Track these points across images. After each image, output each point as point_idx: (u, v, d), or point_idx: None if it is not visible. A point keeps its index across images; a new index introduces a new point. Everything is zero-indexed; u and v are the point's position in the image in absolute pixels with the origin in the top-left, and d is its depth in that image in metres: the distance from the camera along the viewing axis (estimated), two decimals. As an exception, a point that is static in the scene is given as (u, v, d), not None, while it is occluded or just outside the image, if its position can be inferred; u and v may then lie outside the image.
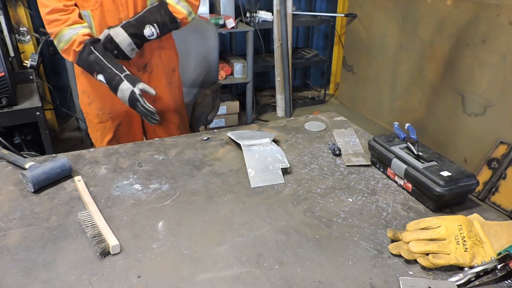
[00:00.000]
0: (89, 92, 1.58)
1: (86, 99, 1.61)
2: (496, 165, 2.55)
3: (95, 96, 1.58)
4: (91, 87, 1.57)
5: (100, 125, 1.64)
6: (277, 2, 3.46)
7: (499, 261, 0.74)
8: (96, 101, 1.59)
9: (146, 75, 1.58)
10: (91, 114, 1.64)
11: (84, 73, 1.54)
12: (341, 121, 1.51)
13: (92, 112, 1.62)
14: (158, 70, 1.60)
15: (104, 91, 1.55)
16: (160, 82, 1.63)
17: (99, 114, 1.61)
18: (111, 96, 1.54)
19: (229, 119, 3.60)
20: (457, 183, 0.95)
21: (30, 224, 0.91)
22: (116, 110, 1.61)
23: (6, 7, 2.82)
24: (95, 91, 1.57)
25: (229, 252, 0.84)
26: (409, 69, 3.27)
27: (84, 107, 1.64)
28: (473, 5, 2.62)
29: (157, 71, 1.60)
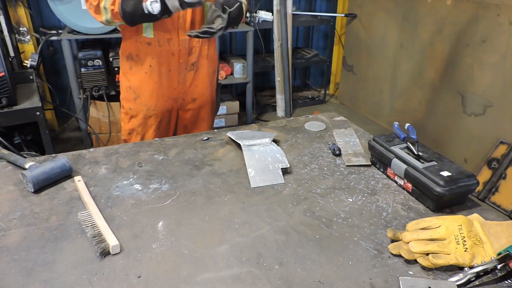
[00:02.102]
0: (136, 87, 1.62)
1: (131, 94, 1.64)
2: (496, 165, 2.55)
3: (141, 92, 1.62)
4: (139, 83, 1.61)
5: (143, 120, 1.68)
6: (277, 2, 3.46)
7: (499, 261, 0.74)
8: (142, 97, 1.63)
9: (192, 73, 1.63)
10: (135, 109, 1.67)
11: (132, 69, 1.60)
12: (341, 121, 1.51)
13: (137, 108, 1.66)
14: (203, 70, 1.66)
15: (151, 88, 1.62)
16: (203, 82, 1.68)
17: (143, 109, 1.65)
18: (156, 94, 1.62)
19: (229, 119, 3.60)
20: (457, 183, 0.95)
21: (30, 224, 0.91)
22: (160, 107, 1.65)
23: (6, 7, 2.82)
24: (144, 86, 1.61)
25: (229, 252, 0.84)
26: (409, 69, 3.27)
27: (128, 103, 1.67)
28: (473, 5, 2.62)
29: (202, 70, 1.66)
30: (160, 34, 1.51)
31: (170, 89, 1.64)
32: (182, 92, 1.66)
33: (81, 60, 2.82)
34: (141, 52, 1.55)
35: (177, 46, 1.54)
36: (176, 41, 1.53)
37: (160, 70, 1.58)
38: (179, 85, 1.64)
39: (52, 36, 2.93)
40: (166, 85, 1.62)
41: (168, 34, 1.51)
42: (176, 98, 1.67)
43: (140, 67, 1.58)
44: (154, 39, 1.52)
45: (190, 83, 1.65)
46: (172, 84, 1.63)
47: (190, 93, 1.68)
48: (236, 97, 3.82)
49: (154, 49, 1.53)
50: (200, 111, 1.76)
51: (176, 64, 1.58)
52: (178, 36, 1.52)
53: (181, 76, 1.62)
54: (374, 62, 3.68)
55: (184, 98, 1.68)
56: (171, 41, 1.53)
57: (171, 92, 1.64)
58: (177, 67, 1.58)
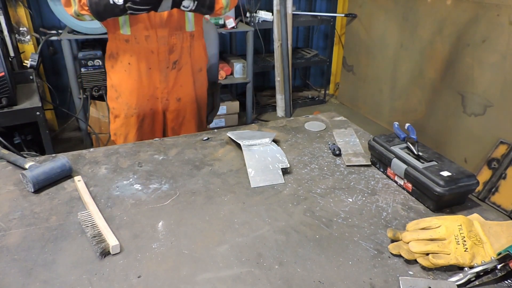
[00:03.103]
0: (117, 86, 1.61)
1: (114, 93, 1.63)
2: (496, 165, 2.55)
3: (122, 90, 1.60)
4: (120, 81, 1.59)
5: (125, 120, 1.66)
6: (277, 2, 3.46)
7: (499, 261, 0.74)
8: (122, 96, 1.61)
9: (175, 72, 1.60)
10: (117, 109, 1.65)
11: (114, 67, 1.58)
12: (341, 121, 1.51)
13: (119, 107, 1.64)
14: (186, 68, 1.62)
15: (131, 86, 1.59)
16: (187, 81, 1.65)
17: (125, 109, 1.63)
18: (137, 92, 1.59)
19: (229, 119, 3.60)
20: (457, 183, 0.95)
21: (30, 224, 0.91)
22: (141, 106, 1.63)
23: (6, 7, 2.82)
24: (124, 85, 1.59)
25: (229, 252, 0.84)
26: (409, 69, 3.27)
27: (112, 102, 1.66)
28: (473, 5, 2.62)
29: (186, 69, 1.62)
30: (137, 31, 1.48)
31: (152, 88, 1.61)
32: (165, 91, 1.63)
33: (81, 60, 2.82)
34: (120, 49, 1.53)
35: (155, 43, 1.51)
36: (154, 38, 1.50)
37: (139, 68, 1.55)
38: (161, 84, 1.60)
39: (52, 36, 2.93)
40: (147, 83, 1.59)
41: (145, 31, 1.48)
42: (159, 98, 1.64)
43: (119, 65, 1.56)
44: (131, 36, 1.49)
45: (173, 82, 1.62)
46: (154, 83, 1.60)
47: (174, 93, 1.64)
48: (236, 97, 3.82)
49: (132, 47, 1.51)
50: (186, 112, 1.72)
51: (156, 62, 1.54)
52: (156, 33, 1.49)
53: (162, 75, 1.58)
54: (374, 62, 3.68)
55: (168, 98, 1.65)
56: (149, 38, 1.49)
57: (153, 91, 1.61)
58: (158, 65, 1.55)
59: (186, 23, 1.54)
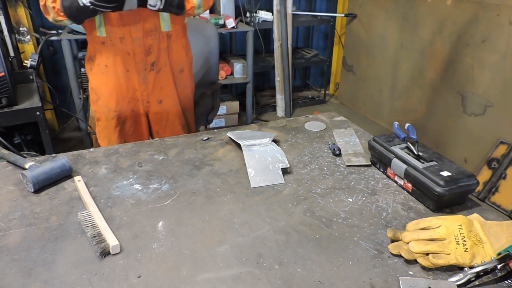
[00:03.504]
0: (96, 88, 1.59)
1: (94, 96, 1.62)
2: (496, 165, 2.55)
3: (101, 93, 1.59)
4: (98, 84, 1.58)
5: (106, 123, 1.64)
6: (277, 2, 3.46)
7: (499, 261, 0.74)
8: (102, 98, 1.60)
9: (153, 74, 1.57)
10: (98, 112, 1.64)
11: (93, 69, 1.56)
12: (341, 121, 1.51)
13: (99, 110, 1.63)
14: (166, 70, 1.59)
15: (110, 89, 1.57)
16: (167, 82, 1.62)
17: (105, 111, 1.62)
18: (116, 95, 1.57)
19: (229, 119, 3.60)
20: (457, 183, 0.95)
21: (30, 224, 0.91)
22: (122, 109, 1.61)
23: (6, 7, 2.82)
24: (102, 87, 1.57)
25: (229, 252, 0.84)
26: (409, 69, 3.27)
27: (93, 105, 1.65)
28: (473, 5, 2.62)
29: (165, 70, 1.59)
30: (112, 32, 1.45)
31: (131, 90, 1.58)
32: (145, 93, 1.60)
33: (81, 60, 2.82)
34: (97, 52, 1.51)
35: (130, 45, 1.48)
36: (129, 40, 1.47)
37: (117, 70, 1.52)
38: (140, 86, 1.58)
39: (52, 36, 2.93)
40: (126, 85, 1.56)
41: (120, 33, 1.45)
42: (140, 100, 1.61)
43: (97, 67, 1.54)
44: (107, 38, 1.46)
45: (153, 84, 1.59)
46: (133, 85, 1.57)
47: (155, 95, 1.61)
48: (236, 97, 3.82)
49: (108, 49, 1.49)
50: (169, 115, 1.69)
51: (133, 63, 1.51)
52: (130, 34, 1.46)
53: (140, 77, 1.56)
54: (374, 62, 3.68)
55: (149, 100, 1.62)
56: (123, 40, 1.47)
57: (132, 93, 1.59)
58: (135, 67, 1.52)
59: (161, 23, 1.50)
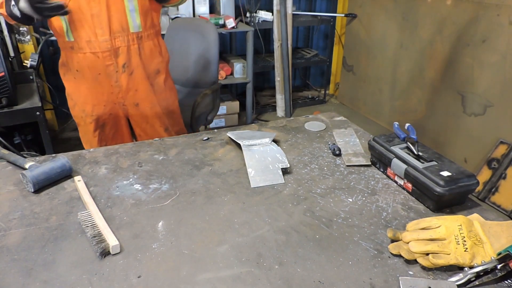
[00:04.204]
0: (72, 94, 1.58)
1: (70, 101, 1.60)
2: (496, 165, 2.55)
3: (77, 98, 1.57)
4: (72, 89, 1.56)
5: (85, 127, 1.62)
6: (277, 2, 3.46)
7: (499, 261, 0.74)
8: (78, 103, 1.58)
9: (126, 76, 1.53)
10: (77, 117, 1.63)
11: (66, 75, 1.54)
12: (341, 121, 1.51)
13: (77, 115, 1.61)
14: (138, 72, 1.55)
15: (84, 93, 1.54)
16: (141, 84, 1.58)
17: (82, 116, 1.60)
18: (92, 97, 1.55)
19: (229, 119, 3.60)
20: (457, 183, 0.95)
21: (30, 224, 0.91)
22: (98, 112, 1.58)
23: (6, 7, 2.81)
24: (76, 92, 1.55)
25: (229, 252, 0.84)
26: (409, 69, 3.27)
27: (71, 111, 1.63)
28: (473, 5, 2.62)
29: (138, 72, 1.55)
30: (79, 36, 1.42)
31: (106, 93, 1.54)
32: (120, 96, 1.57)
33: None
34: (68, 57, 1.49)
35: (98, 47, 1.44)
36: (95, 42, 1.43)
37: (88, 74, 1.50)
38: (114, 89, 1.54)
39: (52, 36, 2.93)
40: (99, 89, 1.53)
41: (86, 36, 1.42)
42: (116, 103, 1.59)
43: (69, 72, 1.52)
44: (75, 43, 1.43)
45: (126, 87, 1.55)
46: (106, 88, 1.53)
47: (130, 98, 1.58)
48: (236, 97, 3.82)
49: (77, 53, 1.46)
50: (148, 118, 1.65)
51: (103, 66, 1.47)
52: (96, 36, 1.42)
53: (113, 80, 1.52)
54: (374, 62, 3.68)
55: (125, 104, 1.60)
56: (90, 43, 1.43)
57: (107, 96, 1.55)
58: (105, 70, 1.48)
59: (129, 24, 1.46)
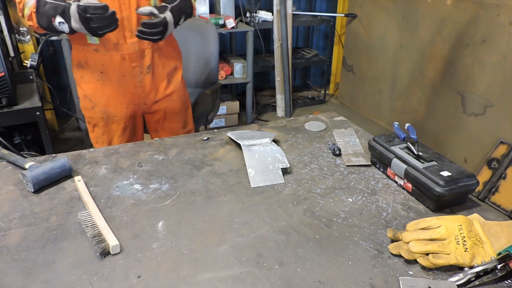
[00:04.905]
0: (91, 95, 1.56)
1: (88, 103, 1.58)
2: (496, 165, 2.55)
3: (98, 100, 1.56)
4: (93, 91, 1.55)
5: (105, 128, 1.62)
6: (277, 2, 3.46)
7: (499, 261, 0.74)
8: (99, 105, 1.57)
9: (149, 76, 1.56)
10: (95, 118, 1.61)
11: (85, 77, 1.53)
12: (341, 121, 1.51)
13: (96, 116, 1.60)
14: (159, 70, 1.58)
15: (107, 95, 1.54)
16: (162, 82, 1.61)
17: (104, 117, 1.59)
18: (114, 101, 1.55)
19: (229, 119, 3.60)
20: (457, 183, 0.95)
21: (30, 224, 0.91)
22: (120, 113, 1.59)
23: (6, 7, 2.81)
24: (98, 94, 1.55)
25: (229, 252, 0.84)
26: (409, 69, 3.27)
27: (87, 112, 1.61)
28: (473, 5, 2.62)
29: (159, 71, 1.58)
30: (106, 39, 1.41)
31: (129, 95, 1.56)
32: (142, 96, 1.59)
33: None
34: (90, 59, 1.48)
35: (125, 50, 1.45)
36: (124, 45, 1.44)
37: (113, 76, 1.50)
38: (137, 89, 1.56)
39: (52, 36, 2.93)
40: (123, 91, 1.54)
41: (114, 38, 1.42)
42: (138, 104, 1.60)
43: (91, 75, 1.51)
44: (100, 45, 1.43)
45: (149, 86, 1.58)
46: (130, 90, 1.55)
47: (151, 97, 1.61)
48: (236, 97, 3.82)
49: (102, 55, 1.45)
50: (166, 113, 1.68)
51: (129, 68, 1.49)
52: (125, 39, 1.43)
53: (137, 81, 1.53)
54: (374, 62, 3.68)
55: (146, 102, 1.61)
56: (118, 46, 1.44)
57: (130, 97, 1.57)
58: (131, 72, 1.50)
59: None
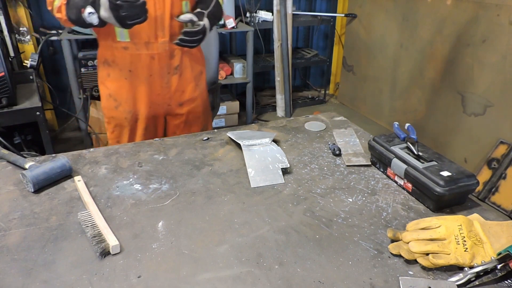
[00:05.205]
0: (116, 95, 1.55)
1: (112, 103, 1.57)
2: (496, 165, 2.55)
3: (123, 99, 1.55)
4: (118, 89, 1.54)
5: (128, 127, 1.61)
6: (277, 2, 3.46)
7: (499, 261, 0.74)
8: (124, 104, 1.56)
9: (177, 77, 1.56)
10: (118, 118, 1.59)
11: (110, 75, 1.52)
12: (341, 121, 1.51)
13: (120, 116, 1.59)
14: (187, 72, 1.59)
15: (133, 94, 1.54)
16: (189, 85, 1.61)
17: (127, 117, 1.58)
18: (139, 100, 1.55)
19: (229, 119, 3.60)
20: (457, 183, 0.95)
21: (30, 224, 0.91)
22: (144, 114, 1.58)
23: (6, 7, 2.82)
24: (124, 93, 1.54)
25: (229, 252, 0.84)
26: (409, 69, 3.27)
27: (109, 112, 1.60)
28: (473, 5, 2.62)
29: (186, 73, 1.58)
30: (137, 37, 1.42)
31: (154, 95, 1.56)
32: (167, 97, 1.59)
33: (81, 60, 2.82)
34: (118, 57, 1.48)
35: (156, 49, 1.46)
36: (154, 44, 1.45)
37: (141, 75, 1.50)
38: (163, 90, 1.56)
39: (52, 36, 2.93)
40: (149, 90, 1.54)
41: (145, 37, 1.43)
42: (161, 104, 1.60)
43: (118, 73, 1.51)
44: (130, 43, 1.43)
45: (175, 88, 1.58)
46: (155, 90, 1.55)
47: (176, 98, 1.61)
48: (236, 97, 3.82)
49: (132, 54, 1.46)
50: (189, 116, 1.68)
51: (157, 68, 1.50)
52: (156, 38, 1.44)
53: (164, 81, 1.54)
54: (374, 62, 3.68)
55: (170, 104, 1.61)
56: (149, 45, 1.45)
57: (155, 97, 1.57)
58: (159, 71, 1.51)
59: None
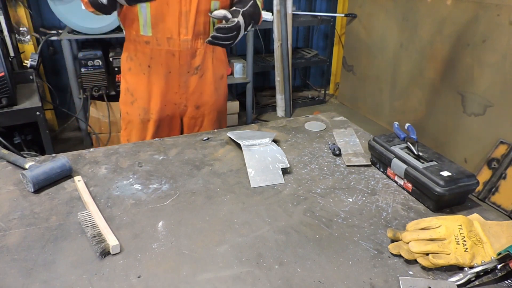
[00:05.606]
0: (133, 90, 1.54)
1: (129, 97, 1.56)
2: (496, 165, 2.55)
3: (139, 95, 1.54)
4: (136, 85, 1.53)
5: (141, 125, 1.59)
6: (277, 2, 3.46)
7: (499, 261, 0.74)
8: (139, 100, 1.55)
9: (196, 78, 1.54)
10: (132, 114, 1.58)
11: (131, 69, 1.51)
12: (341, 121, 1.51)
13: (134, 112, 1.57)
14: (208, 75, 1.56)
15: (149, 90, 1.52)
16: (208, 88, 1.59)
17: (141, 114, 1.56)
18: (154, 97, 1.53)
19: (229, 119, 3.60)
20: (457, 183, 0.95)
21: (30, 224, 0.91)
22: (158, 112, 1.56)
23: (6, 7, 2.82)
24: (141, 88, 1.52)
25: (229, 252, 0.84)
26: (409, 69, 3.27)
27: (126, 107, 1.59)
28: (473, 5, 2.62)
29: (207, 76, 1.56)
30: (160, 32, 1.40)
31: (171, 93, 1.53)
32: (184, 97, 1.55)
33: (81, 60, 2.82)
34: (139, 51, 1.47)
35: (177, 46, 1.43)
36: (176, 41, 1.42)
37: (159, 71, 1.48)
38: (180, 89, 1.53)
39: (52, 36, 2.93)
40: (166, 88, 1.51)
41: (168, 33, 1.41)
42: (177, 104, 1.56)
43: (138, 67, 1.50)
44: (152, 38, 1.42)
45: (193, 89, 1.54)
46: (173, 88, 1.52)
47: (193, 100, 1.57)
48: (236, 97, 3.82)
49: (153, 49, 1.45)
50: (204, 121, 1.64)
51: (177, 65, 1.47)
52: (179, 35, 1.41)
53: (182, 80, 1.51)
54: (374, 62, 3.68)
55: (186, 105, 1.58)
56: (171, 40, 1.42)
57: (171, 96, 1.54)
58: (178, 69, 1.48)
59: (210, 28, 1.48)
